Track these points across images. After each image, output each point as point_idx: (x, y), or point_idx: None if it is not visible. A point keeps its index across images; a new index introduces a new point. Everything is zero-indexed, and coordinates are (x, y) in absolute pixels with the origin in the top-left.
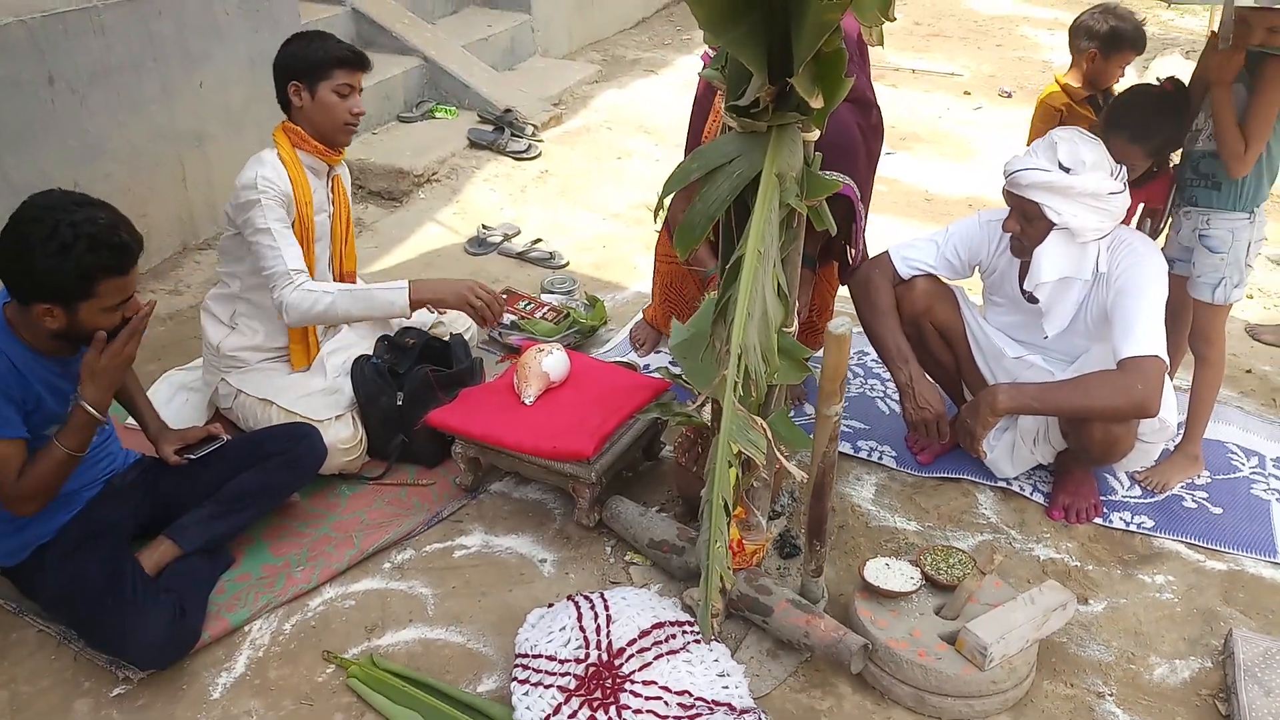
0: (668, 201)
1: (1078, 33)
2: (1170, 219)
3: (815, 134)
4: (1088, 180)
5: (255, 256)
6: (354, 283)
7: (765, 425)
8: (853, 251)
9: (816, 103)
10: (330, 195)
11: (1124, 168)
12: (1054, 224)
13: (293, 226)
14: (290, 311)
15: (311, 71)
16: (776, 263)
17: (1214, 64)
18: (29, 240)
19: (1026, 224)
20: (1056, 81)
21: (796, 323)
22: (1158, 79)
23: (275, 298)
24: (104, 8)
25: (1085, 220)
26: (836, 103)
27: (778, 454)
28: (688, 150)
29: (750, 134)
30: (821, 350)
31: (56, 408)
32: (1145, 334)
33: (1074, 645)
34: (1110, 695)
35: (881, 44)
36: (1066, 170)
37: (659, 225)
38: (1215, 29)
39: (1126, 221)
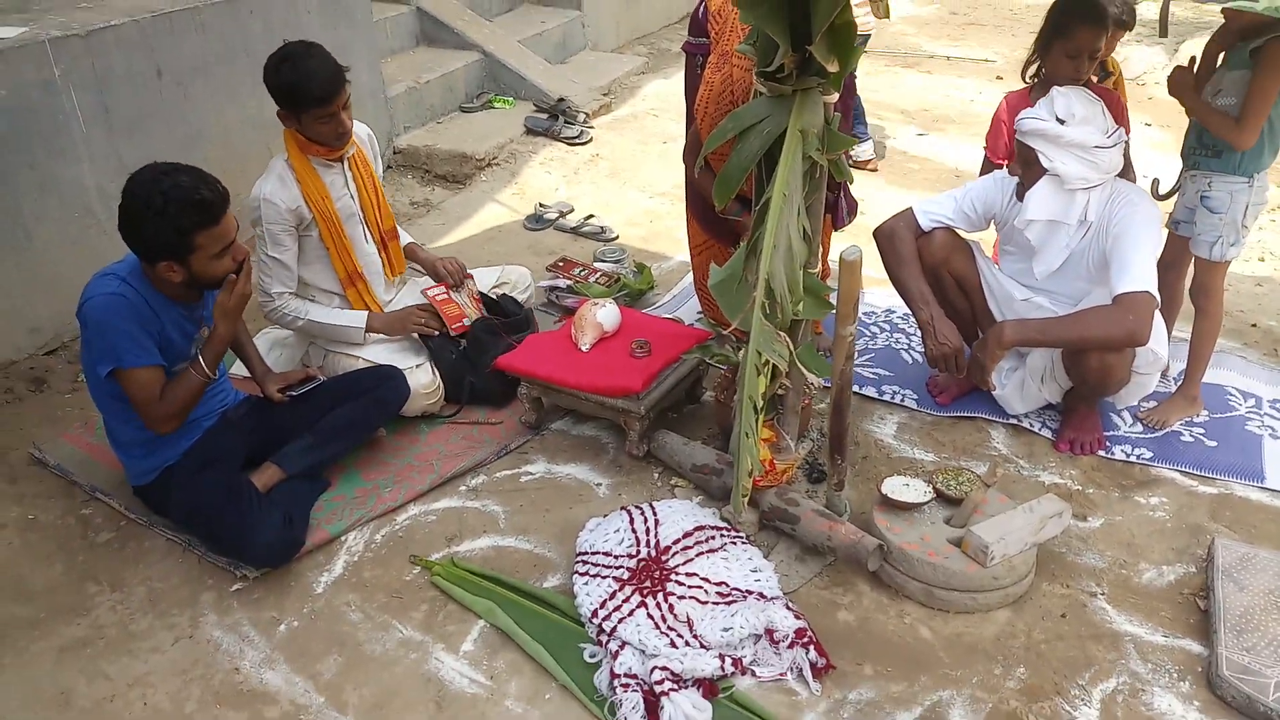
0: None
1: None
2: (1179, 185)
3: (834, 96)
4: (1076, 132)
5: (255, 260)
6: (395, 237)
7: (788, 338)
8: (845, 203)
9: (833, 67)
10: (350, 174)
11: (1120, 129)
12: (1046, 169)
13: (314, 225)
14: (269, 319)
15: (290, 106)
16: (801, 208)
17: (1170, 82)
18: (134, 210)
19: (1025, 168)
20: None
21: (820, 264)
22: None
23: (261, 304)
24: (204, 7)
25: (1072, 168)
26: (850, 68)
27: (800, 366)
28: (689, 117)
29: (777, 97)
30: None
31: (183, 346)
32: (1138, 273)
33: (1071, 554)
34: (1102, 594)
35: (889, 16)
36: (1061, 121)
37: (699, 168)
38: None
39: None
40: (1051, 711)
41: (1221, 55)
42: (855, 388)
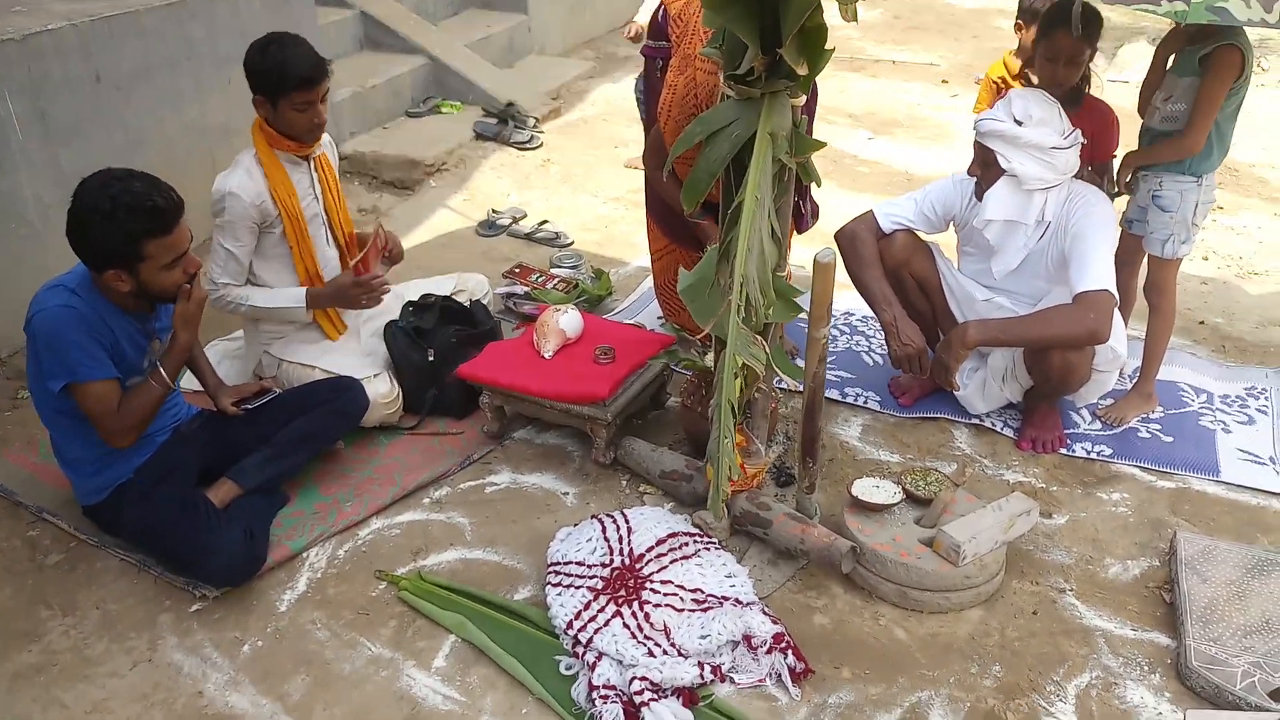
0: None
1: (1018, 10)
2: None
3: (802, 99)
4: (1033, 133)
5: (210, 251)
6: (355, 245)
7: (764, 341)
8: (805, 206)
9: (802, 70)
10: (315, 175)
11: (1076, 131)
12: (1004, 170)
13: (279, 223)
14: (214, 306)
15: (270, 89)
16: (771, 210)
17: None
18: (82, 215)
19: (984, 169)
20: (1004, 58)
21: (789, 267)
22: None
23: (208, 291)
24: (145, 11)
25: (1030, 169)
26: (819, 70)
27: (775, 366)
28: (647, 121)
29: (745, 100)
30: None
31: (135, 359)
32: (1097, 272)
33: (1039, 551)
34: (1070, 590)
35: (855, 20)
36: (1018, 123)
37: (667, 171)
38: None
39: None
40: (1029, 708)
41: (1170, 59)
42: (830, 393)
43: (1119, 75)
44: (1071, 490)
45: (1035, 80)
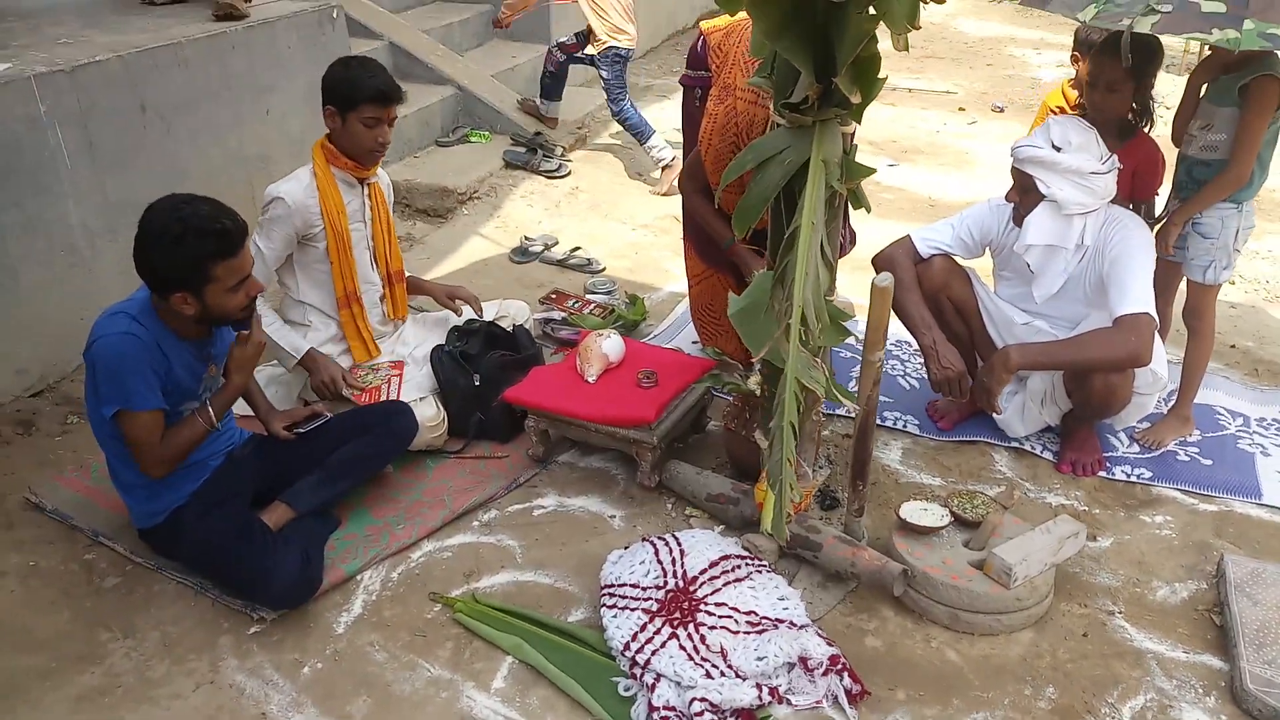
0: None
1: (1074, 43)
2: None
3: (853, 127)
4: (1073, 159)
5: None
6: (403, 280)
7: (824, 364)
8: (844, 232)
9: (856, 99)
10: (367, 202)
11: (1114, 156)
12: (1044, 195)
13: (323, 235)
14: None
15: (343, 100)
16: (824, 236)
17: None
18: (150, 239)
19: (1023, 195)
20: (1061, 87)
21: (836, 291)
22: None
23: None
24: (187, 43)
25: (1069, 194)
26: (872, 98)
27: (834, 388)
28: (686, 150)
29: (797, 128)
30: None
31: (190, 385)
32: (1137, 295)
33: (1085, 574)
34: (1119, 613)
35: (907, 49)
36: (1057, 149)
37: (719, 191)
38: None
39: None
40: None
41: (1204, 87)
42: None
43: None
44: (1114, 513)
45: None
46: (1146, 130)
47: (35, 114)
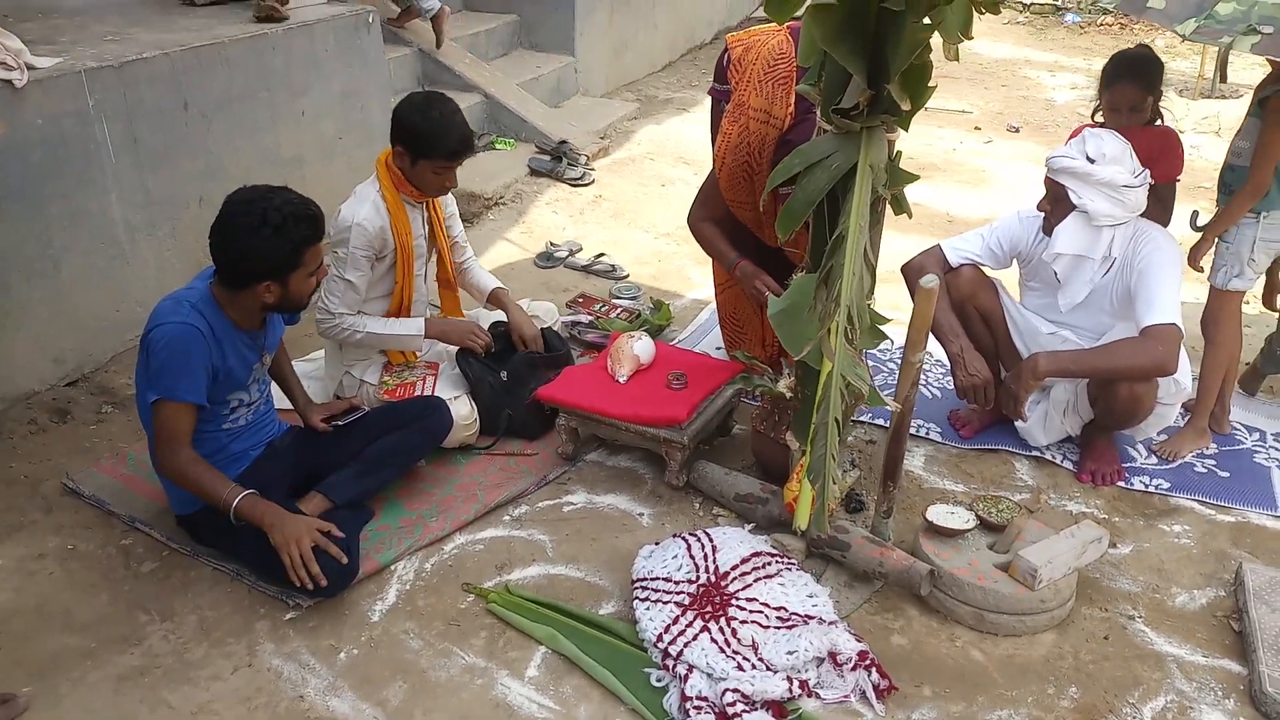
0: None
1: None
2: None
3: (898, 134)
4: (1106, 170)
5: (325, 281)
6: (456, 288)
7: (867, 364)
8: None
9: (906, 106)
10: (426, 216)
11: (1145, 171)
12: (1075, 205)
13: (393, 256)
14: (323, 335)
15: (418, 148)
16: (867, 240)
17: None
18: (241, 230)
19: (1054, 204)
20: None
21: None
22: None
23: (317, 319)
24: (230, 43)
25: (1101, 206)
26: (922, 105)
27: (876, 392)
28: (715, 162)
29: (844, 134)
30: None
31: (241, 375)
32: (1164, 306)
33: (1106, 579)
34: (1140, 617)
35: (958, 59)
36: (1091, 160)
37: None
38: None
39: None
40: None
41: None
42: (879, 421)
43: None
44: (1134, 521)
45: None
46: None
47: (84, 108)
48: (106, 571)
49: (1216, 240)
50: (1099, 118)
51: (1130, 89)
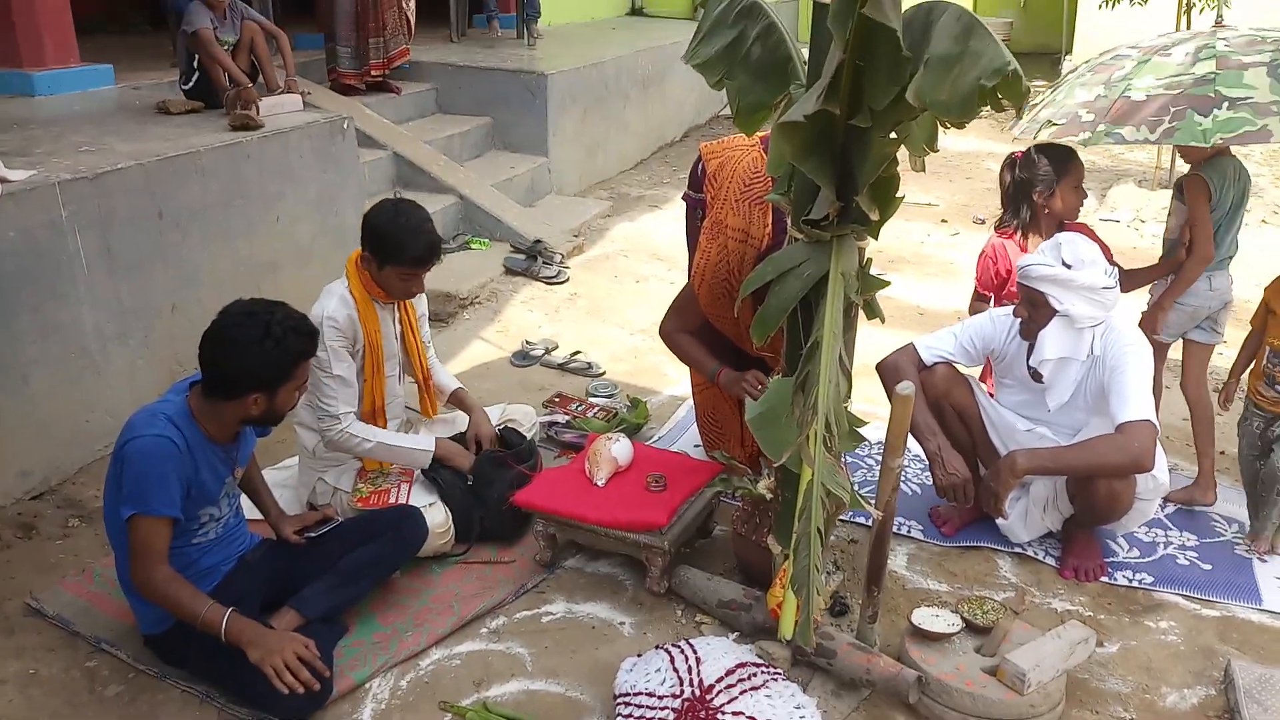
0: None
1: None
2: None
3: (868, 241)
4: (1085, 275)
5: (314, 386)
6: (430, 386)
7: (847, 471)
8: None
9: (874, 216)
10: (397, 317)
11: (1116, 268)
12: (1056, 311)
13: (362, 353)
14: (332, 446)
15: (384, 254)
16: (841, 345)
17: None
18: (242, 342)
19: (1033, 310)
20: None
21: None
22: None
23: (323, 429)
24: (205, 152)
25: (1082, 309)
26: (890, 215)
27: (858, 496)
28: (691, 265)
29: (815, 243)
30: None
31: (213, 488)
32: (1138, 403)
33: (1095, 680)
34: (1131, 718)
35: (924, 170)
36: (1068, 266)
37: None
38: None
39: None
40: None
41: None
42: (861, 520)
43: (1110, 214)
44: (1119, 618)
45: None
46: None
47: (57, 220)
48: (70, 697)
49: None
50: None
51: (1081, 166)
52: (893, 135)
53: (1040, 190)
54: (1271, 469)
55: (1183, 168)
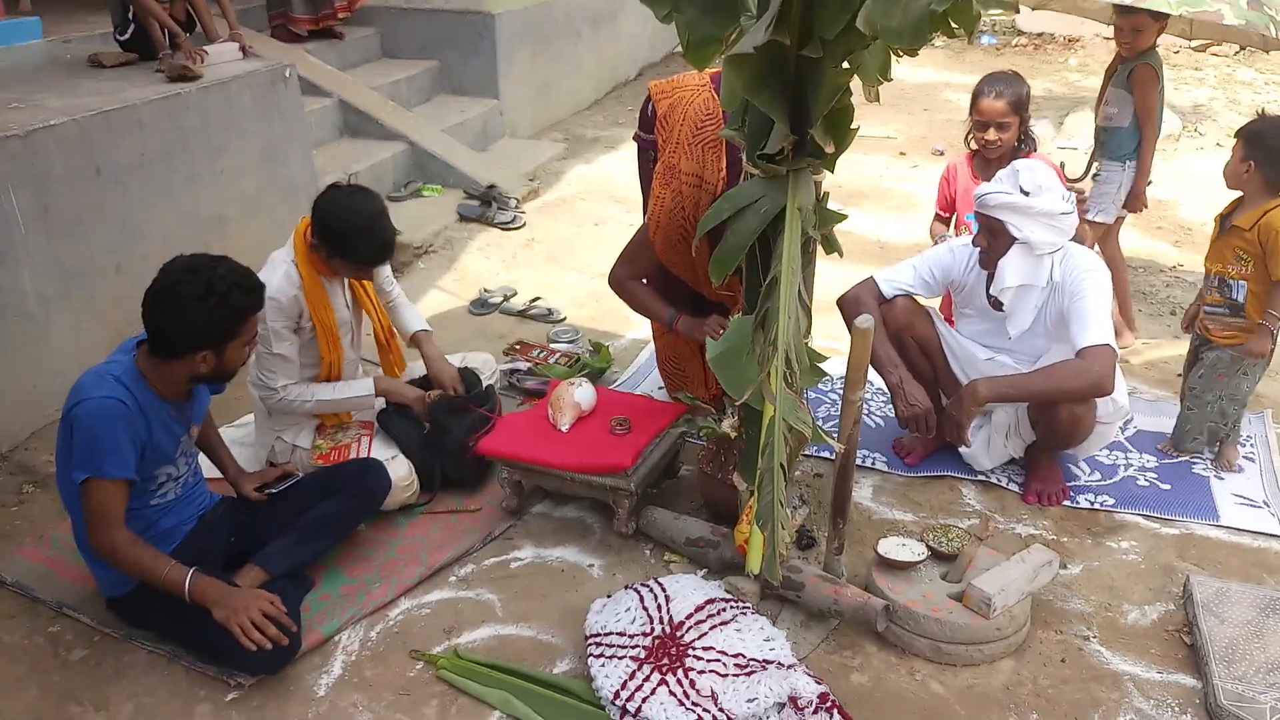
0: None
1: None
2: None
3: (824, 175)
4: (1043, 201)
5: (256, 357)
6: (394, 345)
7: (808, 407)
8: None
9: (829, 149)
10: (346, 282)
11: (1073, 194)
12: (1015, 238)
13: (312, 327)
14: (274, 411)
15: (336, 249)
16: (800, 281)
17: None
18: (185, 299)
19: (992, 238)
20: None
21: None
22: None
23: (263, 397)
24: (142, 105)
25: (1041, 235)
26: (845, 148)
27: (820, 430)
28: (645, 207)
29: (771, 178)
30: None
31: (168, 449)
32: (1097, 329)
33: (1059, 601)
34: (1094, 637)
35: (879, 100)
36: (1026, 193)
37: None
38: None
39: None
40: None
41: (1111, 76)
42: (825, 454)
43: (1068, 142)
44: (1081, 540)
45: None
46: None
47: None
48: (34, 663)
49: (1092, 183)
50: (972, 143)
51: (997, 104)
52: (845, 65)
53: None
54: (1194, 379)
55: None
